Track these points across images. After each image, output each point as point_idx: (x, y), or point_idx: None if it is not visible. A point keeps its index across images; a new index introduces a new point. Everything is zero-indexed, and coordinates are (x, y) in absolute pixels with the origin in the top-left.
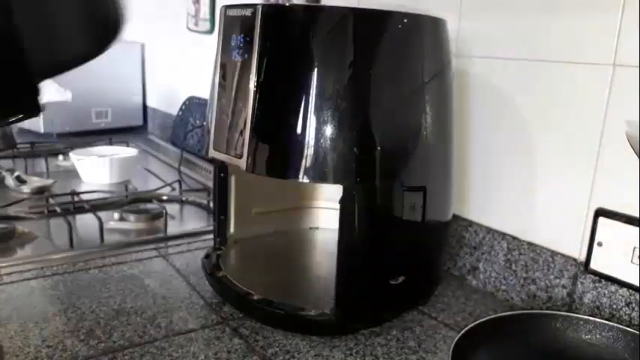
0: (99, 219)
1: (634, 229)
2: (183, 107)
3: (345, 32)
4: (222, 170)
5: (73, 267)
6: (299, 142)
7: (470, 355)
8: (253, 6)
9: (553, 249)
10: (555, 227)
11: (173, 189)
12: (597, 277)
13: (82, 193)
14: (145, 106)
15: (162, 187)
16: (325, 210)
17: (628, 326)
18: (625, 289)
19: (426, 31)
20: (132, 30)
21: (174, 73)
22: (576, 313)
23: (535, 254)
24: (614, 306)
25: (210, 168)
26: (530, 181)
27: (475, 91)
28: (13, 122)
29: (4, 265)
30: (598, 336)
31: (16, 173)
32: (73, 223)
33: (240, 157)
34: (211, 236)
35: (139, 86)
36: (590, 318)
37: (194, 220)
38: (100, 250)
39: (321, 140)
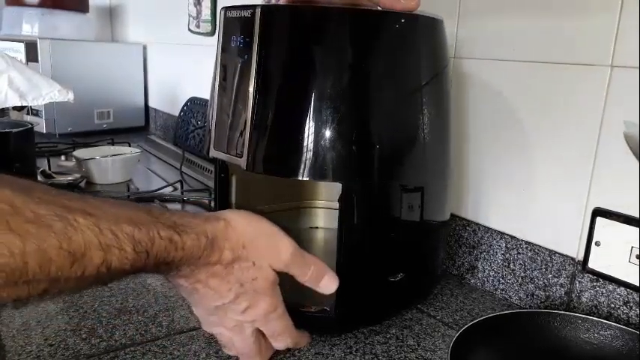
0: None
1: (632, 228)
2: (185, 108)
3: (343, 32)
4: (222, 170)
5: None
6: (298, 141)
7: (468, 353)
8: (253, 7)
9: (551, 248)
10: (553, 227)
11: (175, 189)
12: (595, 277)
13: (85, 192)
14: (146, 107)
15: (164, 187)
16: (325, 210)
17: (626, 325)
18: (623, 289)
19: (424, 32)
20: (134, 31)
21: (175, 75)
22: (574, 312)
23: (533, 253)
24: (612, 305)
25: (211, 168)
26: (528, 181)
27: (473, 92)
28: None
29: None
30: (596, 335)
31: (41, 168)
32: None
33: (241, 156)
34: None
35: (141, 87)
36: (588, 317)
37: None
38: None
39: (320, 139)
